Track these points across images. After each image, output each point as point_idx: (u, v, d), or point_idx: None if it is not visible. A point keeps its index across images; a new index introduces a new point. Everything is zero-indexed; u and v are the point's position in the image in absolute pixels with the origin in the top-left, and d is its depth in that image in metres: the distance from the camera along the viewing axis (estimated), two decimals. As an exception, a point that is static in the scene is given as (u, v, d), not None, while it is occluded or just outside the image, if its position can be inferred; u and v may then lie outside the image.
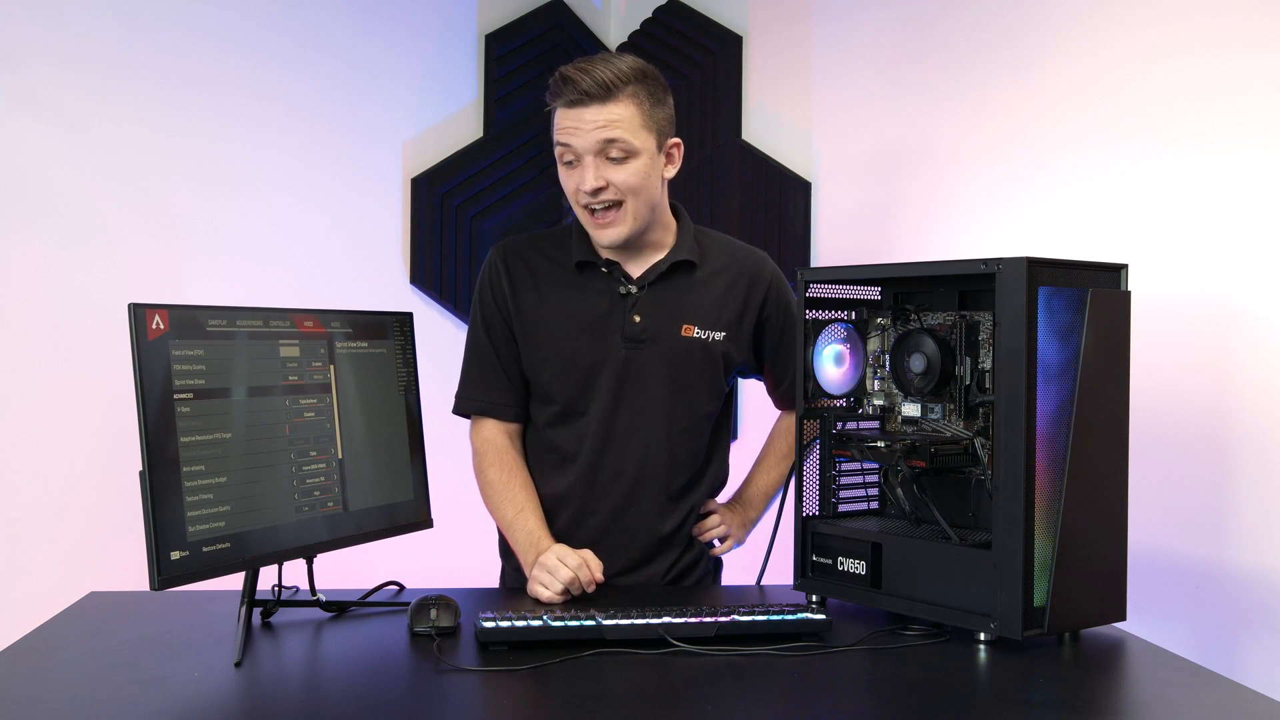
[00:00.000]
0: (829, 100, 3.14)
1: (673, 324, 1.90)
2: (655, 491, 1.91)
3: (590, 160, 1.78)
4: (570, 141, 1.78)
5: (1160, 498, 2.08)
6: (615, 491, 1.90)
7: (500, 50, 3.31)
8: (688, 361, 1.90)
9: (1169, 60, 2.18)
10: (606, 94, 1.75)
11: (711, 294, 1.93)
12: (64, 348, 2.70)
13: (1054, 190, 2.42)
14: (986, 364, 1.66)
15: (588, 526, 1.91)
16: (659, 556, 1.93)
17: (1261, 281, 2.01)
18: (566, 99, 1.77)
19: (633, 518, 1.91)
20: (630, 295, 1.89)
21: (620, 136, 1.77)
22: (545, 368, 1.90)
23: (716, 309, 1.92)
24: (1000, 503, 1.53)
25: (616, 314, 1.89)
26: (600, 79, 1.75)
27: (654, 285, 1.90)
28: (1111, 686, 1.44)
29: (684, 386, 1.90)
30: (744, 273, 1.96)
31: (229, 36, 2.93)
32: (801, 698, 1.36)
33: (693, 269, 1.92)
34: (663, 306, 1.90)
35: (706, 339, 1.91)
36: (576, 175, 1.80)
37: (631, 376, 1.88)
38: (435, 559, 2.14)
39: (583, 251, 1.90)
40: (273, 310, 1.64)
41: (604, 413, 1.88)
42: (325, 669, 1.50)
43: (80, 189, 2.73)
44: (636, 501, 1.90)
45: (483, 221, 3.27)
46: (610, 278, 1.90)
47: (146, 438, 1.42)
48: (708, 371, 1.92)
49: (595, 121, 1.76)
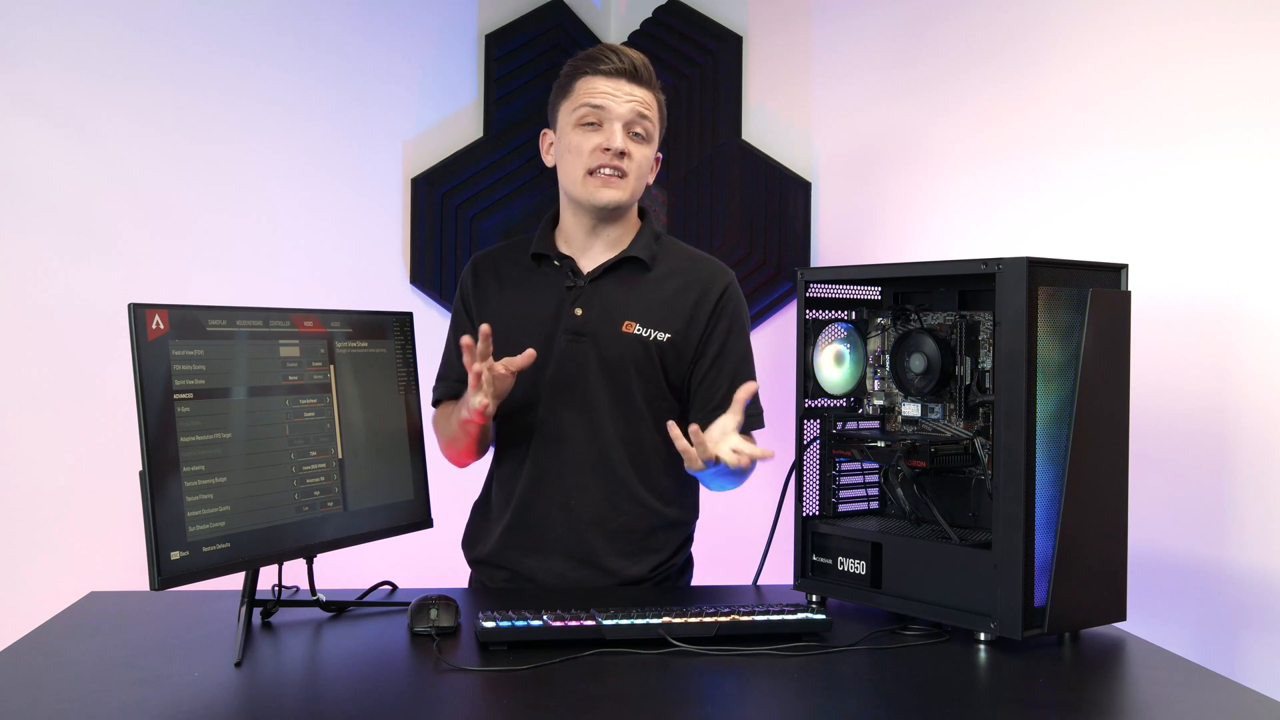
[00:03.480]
0: (829, 100, 3.14)
1: (614, 319, 1.90)
2: (607, 486, 1.90)
3: (619, 127, 1.86)
4: (606, 104, 1.86)
5: (1160, 498, 2.08)
6: (563, 485, 1.90)
7: (500, 50, 3.31)
8: (624, 358, 1.89)
9: (1169, 60, 2.18)
10: (647, 80, 1.89)
11: (660, 295, 1.93)
12: (64, 347, 2.70)
13: (1054, 190, 2.42)
14: (986, 364, 1.66)
15: (537, 518, 1.92)
16: (614, 554, 1.92)
17: (1261, 281, 2.01)
18: (611, 67, 1.86)
19: (583, 512, 1.90)
20: (575, 288, 1.91)
21: (650, 116, 1.89)
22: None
23: (663, 310, 1.92)
24: (1000, 503, 1.53)
25: (561, 307, 1.91)
26: (644, 64, 1.89)
27: (599, 280, 1.91)
28: (1111, 686, 1.44)
29: (622, 383, 1.89)
30: (698, 280, 1.96)
31: (229, 36, 2.93)
32: (801, 698, 1.36)
33: (644, 268, 1.93)
34: (605, 301, 1.91)
35: (647, 337, 1.90)
36: (601, 135, 1.86)
37: (570, 370, 1.89)
38: (435, 559, 2.14)
39: (542, 245, 1.95)
40: (273, 310, 1.63)
41: (547, 407, 1.90)
42: (325, 669, 1.50)
43: (80, 188, 2.73)
44: (586, 495, 1.90)
45: (483, 221, 3.27)
46: (560, 271, 1.93)
47: (146, 438, 1.42)
48: (647, 370, 1.91)
49: (633, 95, 1.87)
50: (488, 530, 1.99)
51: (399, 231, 3.21)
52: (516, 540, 1.94)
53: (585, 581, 1.90)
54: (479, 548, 2.00)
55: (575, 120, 1.88)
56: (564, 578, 1.91)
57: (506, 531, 1.94)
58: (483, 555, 1.99)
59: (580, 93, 1.88)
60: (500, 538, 1.95)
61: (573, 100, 1.89)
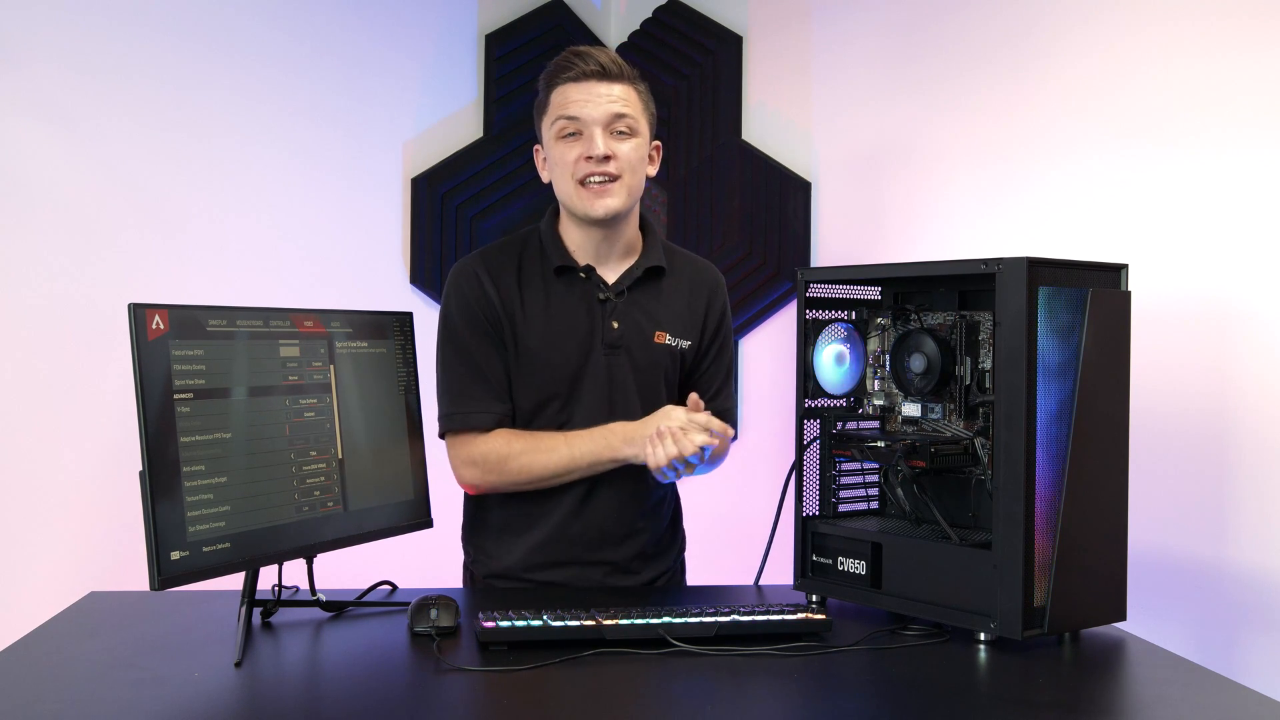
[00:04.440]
0: (829, 100, 3.14)
1: (647, 331, 1.90)
2: (643, 495, 1.92)
3: (599, 131, 1.82)
4: (580, 114, 1.82)
5: (1160, 498, 2.08)
6: (604, 498, 1.89)
7: (500, 50, 3.31)
8: (656, 368, 1.90)
9: (1170, 60, 2.18)
10: (618, 74, 1.85)
11: (679, 302, 1.94)
12: (64, 348, 2.70)
13: (1054, 190, 2.42)
14: (986, 364, 1.66)
15: (579, 532, 1.89)
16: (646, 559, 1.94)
17: (1261, 281, 2.01)
18: (578, 72, 1.83)
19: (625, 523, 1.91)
20: (609, 301, 1.89)
21: (628, 113, 1.84)
22: (524, 374, 1.88)
23: (685, 317, 1.94)
24: (1000, 503, 1.53)
25: (596, 319, 1.89)
26: (612, 59, 1.85)
27: (629, 291, 1.91)
28: (1111, 686, 1.44)
29: (653, 393, 1.90)
30: (703, 282, 1.97)
31: (229, 36, 2.93)
32: (801, 698, 1.36)
33: (661, 276, 1.94)
34: (639, 313, 1.91)
35: (675, 346, 1.92)
36: (581, 144, 1.83)
37: (613, 383, 1.88)
38: (435, 559, 2.14)
39: (560, 256, 1.89)
40: (273, 310, 1.63)
41: (587, 420, 1.86)
42: (325, 669, 1.50)
43: (80, 188, 2.74)
44: (626, 506, 1.90)
45: (483, 221, 3.27)
46: (588, 283, 1.90)
47: (146, 438, 1.42)
48: (672, 378, 1.93)
49: (608, 95, 1.83)
50: (508, 545, 1.93)
51: (399, 231, 3.21)
52: (553, 554, 1.89)
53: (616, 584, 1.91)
54: (498, 561, 1.93)
55: (555, 134, 1.85)
56: (602, 584, 1.90)
57: (542, 546, 1.89)
58: (503, 569, 1.93)
59: (555, 105, 1.85)
60: (530, 553, 1.90)
61: (550, 114, 1.86)
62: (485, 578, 1.95)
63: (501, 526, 1.93)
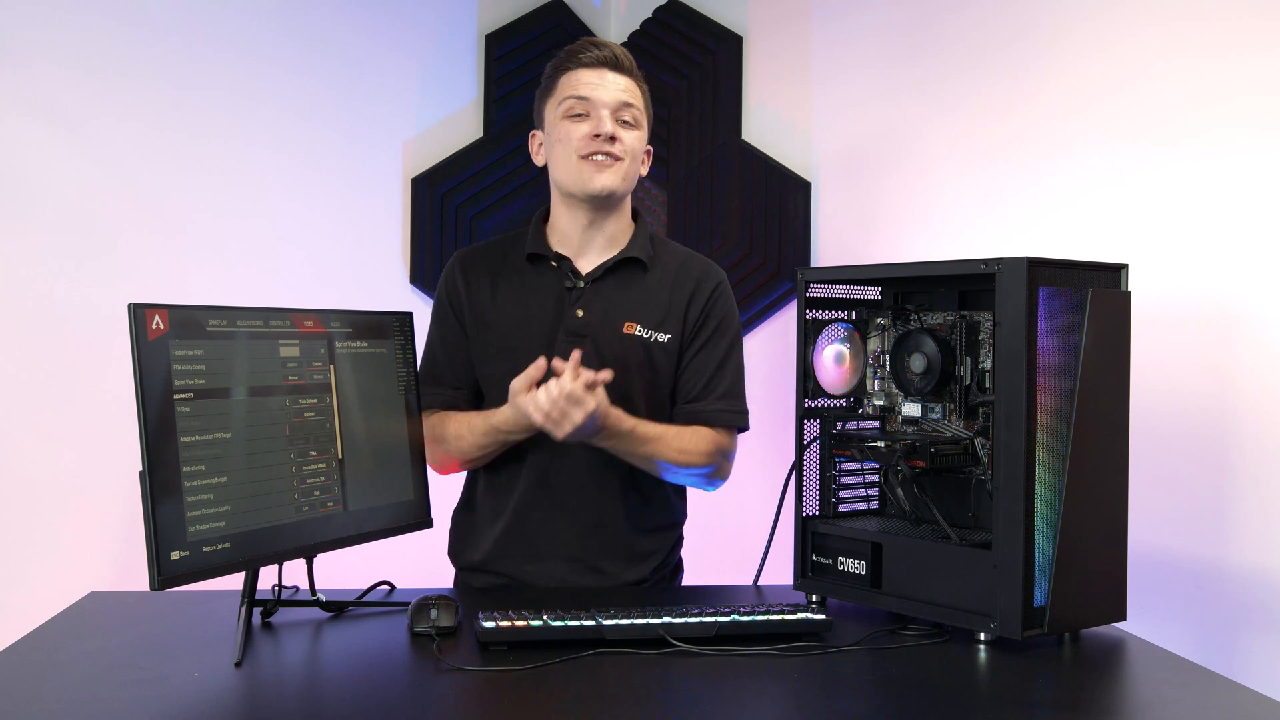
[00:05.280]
0: (829, 100, 3.14)
1: (615, 321, 1.90)
2: (607, 490, 1.90)
3: (607, 114, 1.87)
4: (591, 95, 1.87)
5: (1160, 498, 2.08)
6: (563, 489, 1.90)
7: (500, 50, 3.31)
8: (625, 359, 1.88)
9: (1169, 60, 2.18)
10: (629, 69, 1.91)
11: (659, 296, 1.93)
12: (64, 347, 2.70)
13: (1054, 190, 2.42)
14: (986, 364, 1.66)
15: (536, 523, 1.90)
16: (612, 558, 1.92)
17: (1261, 281, 2.01)
18: (592, 57, 1.88)
19: (583, 516, 1.90)
20: (575, 289, 1.90)
21: (636, 104, 1.91)
22: (492, 361, 1.92)
23: (663, 310, 1.92)
24: (1000, 503, 1.53)
25: (562, 308, 1.90)
26: (624, 54, 1.91)
27: (600, 281, 1.91)
28: (1111, 686, 1.44)
29: (623, 385, 1.85)
30: (691, 277, 1.96)
31: (229, 36, 2.93)
32: (801, 698, 1.36)
33: (643, 269, 1.93)
34: (606, 302, 1.90)
35: (648, 339, 1.91)
36: (590, 123, 1.87)
37: None
38: (435, 559, 2.14)
39: (536, 244, 1.93)
40: (273, 310, 1.63)
41: None
42: (325, 669, 1.50)
43: (80, 188, 2.74)
44: (586, 499, 1.90)
45: (483, 221, 3.27)
46: (559, 271, 1.92)
47: (146, 438, 1.42)
48: (648, 372, 1.91)
49: (617, 84, 1.89)
50: (477, 536, 1.97)
51: (399, 231, 3.21)
52: (513, 546, 1.92)
53: (583, 586, 1.90)
54: (468, 554, 1.98)
55: (563, 113, 1.88)
56: (563, 582, 1.90)
57: (502, 537, 1.92)
58: (474, 562, 1.96)
59: (564, 87, 1.89)
60: (495, 543, 1.93)
61: (558, 95, 1.90)
62: (460, 570, 1.99)
63: (476, 519, 1.98)
